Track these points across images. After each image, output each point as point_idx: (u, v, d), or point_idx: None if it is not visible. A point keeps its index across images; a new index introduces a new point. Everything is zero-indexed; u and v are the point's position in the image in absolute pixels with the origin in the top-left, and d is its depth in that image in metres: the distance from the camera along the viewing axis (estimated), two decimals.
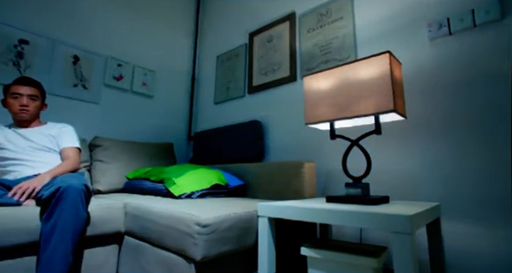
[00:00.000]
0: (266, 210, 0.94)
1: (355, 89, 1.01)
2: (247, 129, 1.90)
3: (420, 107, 1.26)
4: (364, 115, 0.97)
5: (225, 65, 2.37)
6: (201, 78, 2.64)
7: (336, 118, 1.05)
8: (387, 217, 0.67)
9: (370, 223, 0.70)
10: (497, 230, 1.03)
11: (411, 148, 1.26)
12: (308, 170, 1.33)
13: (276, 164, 1.47)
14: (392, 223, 0.66)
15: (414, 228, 0.65)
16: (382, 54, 0.96)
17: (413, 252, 0.63)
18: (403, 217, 0.65)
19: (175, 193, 1.26)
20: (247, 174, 1.61)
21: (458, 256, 1.09)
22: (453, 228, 1.12)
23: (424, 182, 1.21)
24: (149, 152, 1.98)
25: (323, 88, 1.11)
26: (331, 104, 1.07)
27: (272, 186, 1.44)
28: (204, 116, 2.50)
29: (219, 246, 0.85)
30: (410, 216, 0.64)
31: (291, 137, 1.74)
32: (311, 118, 1.13)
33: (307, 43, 1.75)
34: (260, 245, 0.94)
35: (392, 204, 0.93)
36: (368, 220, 0.71)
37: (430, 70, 1.25)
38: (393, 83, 0.94)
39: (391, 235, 0.67)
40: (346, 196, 0.96)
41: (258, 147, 1.85)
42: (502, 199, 1.03)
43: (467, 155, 1.12)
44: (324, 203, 0.94)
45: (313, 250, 0.85)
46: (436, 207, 0.98)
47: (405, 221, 0.64)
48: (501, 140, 1.05)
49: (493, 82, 1.09)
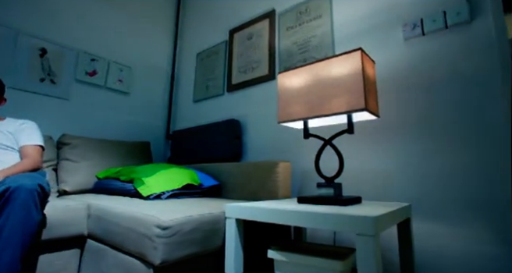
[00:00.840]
0: (233, 211, 0.90)
1: (327, 87, 0.99)
2: (225, 128, 1.86)
3: (395, 107, 1.26)
4: (336, 113, 0.95)
5: (205, 62, 2.32)
6: (181, 75, 2.57)
7: (309, 117, 1.03)
8: (351, 218, 0.65)
9: (335, 225, 0.68)
10: (467, 230, 1.03)
11: (386, 148, 1.26)
12: (283, 170, 1.30)
13: (251, 164, 1.44)
14: (356, 225, 0.64)
15: (379, 229, 0.63)
16: (354, 51, 0.94)
17: (376, 254, 0.61)
18: (367, 218, 0.62)
19: (143, 193, 1.20)
20: (222, 174, 1.57)
21: (428, 256, 1.09)
22: (425, 229, 1.12)
23: (398, 182, 1.20)
24: (123, 151, 1.90)
25: (296, 86, 1.09)
26: (304, 102, 1.05)
27: (247, 187, 1.41)
28: (184, 115, 2.44)
29: (182, 250, 0.81)
30: (374, 218, 0.62)
31: (269, 136, 1.71)
32: (284, 116, 1.11)
33: (286, 41, 1.73)
34: (227, 247, 0.90)
35: (362, 205, 0.91)
36: (333, 222, 0.68)
37: (404, 70, 1.25)
38: (365, 81, 0.92)
39: (355, 237, 0.64)
40: (317, 197, 0.94)
41: (236, 146, 1.81)
42: (472, 199, 1.03)
43: (439, 156, 1.12)
44: (294, 204, 0.91)
45: (279, 253, 0.82)
46: (407, 208, 0.97)
47: (369, 222, 0.62)
48: (472, 141, 1.06)
49: (464, 83, 1.10)
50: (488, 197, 1.01)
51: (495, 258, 0.97)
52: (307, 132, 1.10)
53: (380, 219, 0.65)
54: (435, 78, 1.17)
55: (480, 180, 1.03)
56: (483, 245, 0.99)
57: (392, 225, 0.78)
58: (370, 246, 0.61)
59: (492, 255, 0.97)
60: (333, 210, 0.70)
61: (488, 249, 0.98)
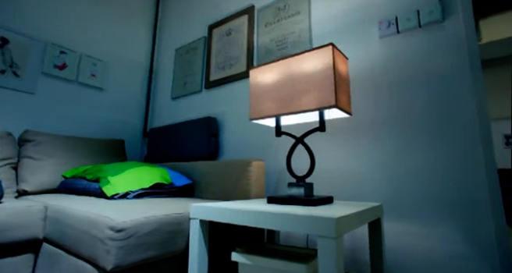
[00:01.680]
0: (198, 211, 0.86)
1: (299, 83, 0.96)
2: (201, 125, 1.80)
3: (369, 105, 1.24)
4: (307, 110, 0.92)
5: (183, 58, 2.25)
6: (160, 71, 2.49)
7: (280, 114, 0.99)
8: (312, 220, 0.62)
9: (295, 226, 0.64)
10: (436, 229, 1.02)
11: (361, 147, 1.24)
12: (256, 169, 1.26)
13: (225, 163, 1.39)
14: (317, 226, 0.61)
15: (341, 231, 0.60)
16: (325, 46, 0.91)
17: (338, 257, 0.58)
18: (329, 220, 0.59)
19: (107, 193, 1.14)
20: (195, 173, 1.51)
21: (399, 256, 1.08)
22: (396, 228, 1.10)
23: (371, 181, 1.19)
24: (94, 149, 1.81)
25: (268, 82, 1.05)
26: (275, 99, 1.01)
27: (220, 186, 1.36)
28: (162, 112, 2.36)
29: (139, 253, 0.75)
30: (335, 219, 0.59)
31: (247, 135, 1.67)
32: (256, 113, 1.07)
33: (265, 37, 1.69)
34: (191, 250, 0.86)
35: (333, 205, 0.88)
36: (293, 223, 0.65)
37: (379, 68, 1.24)
38: (336, 78, 0.89)
39: (317, 240, 0.61)
40: (286, 197, 0.90)
41: (212, 144, 1.75)
42: (442, 198, 1.03)
43: (411, 155, 1.11)
44: (262, 205, 0.87)
45: (244, 256, 0.78)
46: (377, 208, 0.96)
47: (330, 224, 0.59)
48: (444, 140, 1.06)
49: (436, 82, 1.10)
50: (456, 196, 1.01)
51: (462, 257, 0.97)
52: (279, 130, 1.07)
53: (343, 220, 0.61)
54: (408, 76, 1.16)
55: (449, 179, 1.03)
56: (451, 244, 0.99)
57: (360, 225, 0.75)
58: (331, 248, 0.58)
59: (460, 254, 0.97)
60: (296, 211, 0.67)
61: (456, 248, 0.98)
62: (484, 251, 0.94)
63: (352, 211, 0.71)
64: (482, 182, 0.97)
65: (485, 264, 0.93)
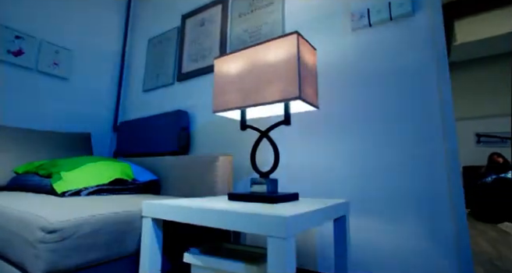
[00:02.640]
0: (150, 209, 0.79)
1: (263, 73, 0.90)
2: (171, 119, 1.72)
3: (340, 99, 1.21)
4: (270, 102, 0.87)
5: (156, 49, 2.15)
6: (132, 62, 2.37)
7: (243, 106, 0.94)
8: (262, 218, 0.57)
9: (246, 226, 0.59)
10: (402, 225, 1.01)
11: (330, 142, 1.21)
12: (223, 164, 1.20)
13: (191, 158, 1.32)
14: (267, 226, 0.56)
15: (292, 231, 0.55)
16: (289, 34, 0.86)
17: (287, 259, 0.53)
18: (279, 219, 0.54)
19: (58, 189, 1.04)
20: (162, 168, 1.43)
21: (365, 253, 1.06)
22: (363, 225, 1.08)
23: (340, 177, 1.16)
24: (54, 143, 1.68)
25: (233, 72, 0.99)
26: (239, 90, 0.95)
27: (186, 182, 1.29)
28: (133, 105, 2.24)
29: (78, 256, 0.68)
30: (286, 218, 0.54)
31: (220, 129, 1.61)
32: (219, 105, 1.01)
33: (238, 28, 1.63)
34: (142, 251, 0.79)
35: (296, 202, 0.84)
36: (245, 222, 0.59)
37: (351, 61, 1.21)
38: (301, 68, 0.84)
39: (267, 240, 0.56)
40: (247, 194, 0.85)
41: (182, 139, 1.68)
42: (407, 195, 1.01)
43: (381, 151, 1.09)
44: (222, 202, 0.82)
45: (196, 257, 0.72)
46: (343, 205, 0.92)
47: (280, 223, 0.54)
48: (411, 136, 1.04)
49: (406, 77, 1.07)
50: (421, 193, 0.99)
51: (424, 253, 0.95)
52: (244, 124, 1.01)
53: (295, 219, 0.57)
54: (379, 70, 1.14)
55: (415, 175, 1.01)
56: (415, 240, 0.98)
57: (320, 224, 0.71)
58: (280, 249, 0.54)
59: (423, 250, 0.96)
60: (247, 209, 0.62)
61: (420, 244, 0.97)
62: (444, 247, 0.93)
63: (309, 209, 0.66)
64: (444, 178, 0.96)
65: (445, 260, 0.92)
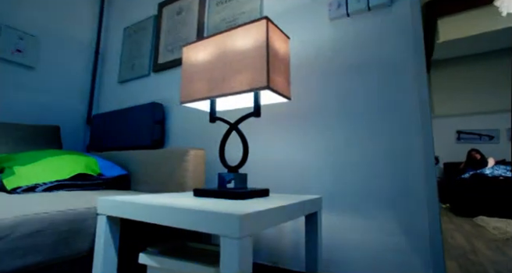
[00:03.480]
0: (106, 206, 0.73)
1: (231, 61, 0.85)
2: (145, 112, 1.64)
3: (317, 91, 1.17)
4: (238, 92, 0.82)
5: (132, 38, 2.05)
6: (107, 52, 2.26)
7: (210, 96, 0.88)
8: (216, 217, 0.52)
9: (201, 224, 0.54)
10: (376, 222, 0.99)
11: (305, 136, 1.17)
12: (194, 159, 1.15)
13: (161, 152, 1.26)
14: (220, 225, 0.51)
15: (247, 231, 0.51)
16: (258, 20, 0.81)
17: (241, 261, 0.49)
18: (232, 217, 0.50)
19: (8, 185, 0.96)
20: (132, 163, 1.36)
21: (337, 250, 1.04)
22: (336, 221, 1.05)
23: (315, 172, 1.13)
24: (16, 136, 1.57)
25: (201, 60, 0.93)
26: (207, 80, 0.90)
27: (157, 178, 1.23)
28: (108, 97, 2.14)
29: (12, 260, 0.61)
30: (239, 216, 0.49)
31: (196, 122, 1.54)
32: (186, 95, 0.95)
33: (215, 17, 1.56)
34: (96, 252, 0.73)
35: (266, 199, 0.80)
36: (197, 220, 0.54)
37: (329, 52, 1.17)
38: (271, 56, 0.80)
39: (220, 240, 0.51)
40: (213, 190, 0.80)
41: (156, 132, 1.61)
42: (382, 190, 0.99)
43: (356, 145, 1.06)
44: (185, 198, 0.76)
45: (152, 257, 0.67)
46: (315, 201, 0.89)
47: (234, 222, 0.50)
48: (388, 130, 1.01)
49: (384, 69, 1.04)
50: (396, 188, 0.97)
51: (398, 250, 0.94)
52: (213, 116, 0.96)
53: (252, 218, 0.52)
54: (357, 62, 1.10)
55: (390, 171, 0.99)
56: (388, 237, 0.96)
57: (286, 221, 0.67)
58: (234, 251, 0.49)
59: (396, 247, 0.94)
60: (200, 206, 0.57)
61: (393, 241, 0.95)
62: (417, 244, 0.91)
63: (273, 206, 0.62)
64: (419, 174, 0.94)
65: (418, 256, 0.90)
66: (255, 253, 1.19)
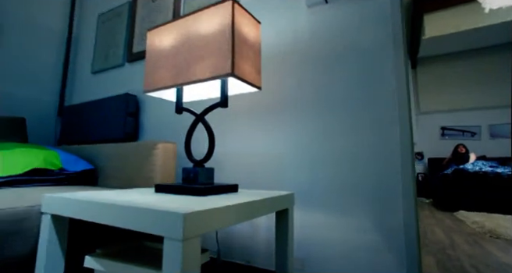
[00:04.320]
0: (50, 204, 0.66)
1: (195, 47, 0.78)
2: (118, 104, 1.55)
3: (293, 82, 1.12)
4: (201, 80, 0.75)
5: (106, 26, 1.94)
6: (80, 40, 2.14)
7: (173, 85, 0.81)
8: (159, 215, 0.46)
9: (143, 224, 0.48)
10: (352, 219, 0.95)
11: (281, 129, 1.12)
12: (163, 152, 1.08)
13: (130, 146, 1.19)
14: (163, 224, 0.45)
15: (193, 232, 0.45)
16: (223, 2, 0.74)
17: (186, 266, 0.44)
18: (175, 216, 0.44)
19: None
20: (100, 157, 1.28)
21: (312, 248, 1.00)
22: (311, 218, 1.01)
23: (290, 167, 1.08)
24: None
25: (165, 45, 0.86)
26: (171, 67, 0.83)
27: (125, 172, 1.16)
28: (82, 88, 2.03)
29: None
30: (183, 215, 0.43)
31: (171, 114, 1.47)
32: (150, 84, 0.88)
33: (192, 3, 1.48)
34: (39, 255, 0.66)
35: (232, 195, 0.75)
36: (142, 219, 0.48)
37: (307, 41, 1.11)
38: (237, 41, 0.73)
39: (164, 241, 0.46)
40: (175, 185, 0.75)
41: (129, 125, 1.52)
42: (359, 186, 0.95)
43: (333, 139, 1.01)
44: (144, 194, 0.70)
45: (98, 260, 0.61)
46: (286, 197, 0.84)
47: (176, 222, 0.44)
48: (365, 123, 0.97)
49: (363, 58, 1.00)
50: (372, 184, 0.93)
51: (373, 248, 0.90)
52: (179, 106, 0.89)
53: (200, 216, 0.47)
54: (335, 51, 1.05)
55: (366, 166, 0.95)
56: (364, 234, 0.92)
57: (245, 220, 0.62)
58: (177, 255, 0.43)
59: (371, 245, 0.91)
60: (142, 203, 0.51)
61: (368, 238, 0.91)
62: (392, 242, 0.88)
63: (234, 202, 0.57)
64: (397, 169, 0.90)
65: (393, 255, 0.87)
66: (228, 251, 1.15)
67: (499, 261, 1.46)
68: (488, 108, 4.67)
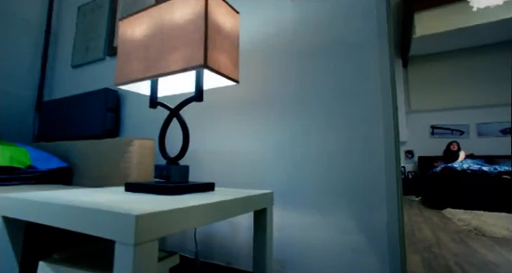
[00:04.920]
0: (3, 205, 0.61)
1: (168, 37, 0.73)
2: (98, 99, 1.49)
3: (276, 77, 1.08)
4: (173, 71, 0.71)
5: (87, 18, 1.86)
6: (60, 33, 2.05)
7: (145, 77, 0.77)
8: (110, 217, 0.42)
9: (94, 227, 0.44)
10: (334, 218, 0.92)
11: (262, 126, 1.08)
12: (139, 149, 1.03)
13: (107, 142, 1.13)
14: (114, 227, 0.41)
15: (147, 235, 0.41)
16: None
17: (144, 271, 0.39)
18: (127, 218, 0.40)
19: None
20: (75, 154, 1.23)
21: (293, 249, 0.96)
22: (292, 218, 0.98)
23: (271, 165, 1.04)
24: None
25: (138, 36, 0.81)
26: (143, 58, 0.78)
27: (100, 170, 1.10)
28: (61, 83, 1.95)
29: None
30: (136, 217, 0.39)
31: (154, 110, 1.41)
32: (122, 76, 0.82)
33: None
34: None
35: (207, 194, 0.71)
36: (94, 221, 0.44)
37: (291, 35, 1.07)
38: (211, 31, 0.69)
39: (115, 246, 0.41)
40: (146, 184, 0.70)
41: (109, 121, 1.46)
42: (342, 184, 0.92)
43: (316, 136, 0.98)
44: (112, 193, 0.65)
45: (53, 266, 0.56)
46: (264, 196, 0.80)
47: (127, 224, 0.40)
48: (349, 119, 0.94)
49: (348, 52, 0.96)
50: (356, 183, 0.90)
51: (355, 249, 0.87)
52: (153, 100, 0.84)
53: (157, 218, 0.43)
54: (320, 45, 1.01)
55: (350, 164, 0.92)
56: (347, 235, 0.89)
57: (216, 220, 0.58)
58: (128, 261, 0.39)
59: (354, 246, 0.88)
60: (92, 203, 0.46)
61: (351, 239, 0.88)
62: (375, 242, 0.85)
63: (202, 202, 0.53)
64: (380, 167, 0.87)
65: (376, 256, 0.85)
66: (208, 251, 1.10)
67: (483, 259, 1.46)
68: (476, 107, 4.73)
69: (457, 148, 4.19)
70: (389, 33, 0.93)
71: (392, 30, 0.97)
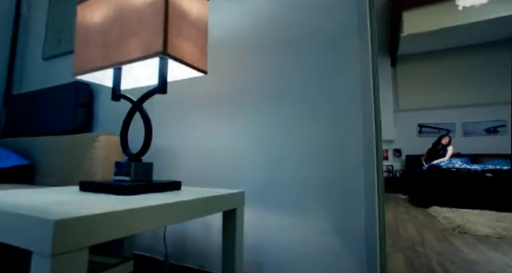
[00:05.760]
0: None
1: (128, 21, 0.67)
2: (67, 92, 1.41)
3: (252, 71, 1.02)
4: (130, 60, 0.64)
5: (60, 7, 1.76)
6: (31, 23, 1.94)
7: (103, 66, 0.70)
8: (28, 223, 0.35)
9: (8, 234, 0.37)
10: (312, 219, 0.87)
11: (237, 122, 1.02)
12: (105, 145, 0.96)
13: (71, 138, 1.06)
14: (32, 235, 0.35)
15: (68, 244, 0.35)
16: None
17: None
18: (43, 223, 0.33)
19: None
20: (37, 151, 1.14)
21: (268, 251, 0.91)
22: (266, 219, 0.93)
23: (245, 163, 0.99)
24: None
25: (96, 20, 0.74)
26: (101, 45, 0.71)
27: (64, 168, 1.03)
28: (32, 75, 1.85)
29: None
30: (55, 222, 0.33)
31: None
32: (80, 65, 0.75)
33: None
34: None
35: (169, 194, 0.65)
36: (10, 228, 0.38)
37: (269, 27, 1.02)
38: (173, 15, 0.63)
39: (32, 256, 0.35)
40: (101, 182, 0.64)
41: (80, 116, 1.38)
42: (320, 184, 0.87)
43: (292, 133, 0.93)
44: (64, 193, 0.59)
45: None
46: (234, 195, 0.75)
47: (44, 232, 0.33)
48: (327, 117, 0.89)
49: (326, 45, 0.92)
50: (334, 183, 0.86)
51: (332, 252, 0.83)
52: (116, 92, 0.77)
53: (82, 224, 0.36)
54: (295, 38, 0.96)
55: (329, 163, 0.87)
56: (324, 237, 0.85)
57: (171, 223, 0.52)
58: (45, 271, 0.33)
59: (331, 248, 0.83)
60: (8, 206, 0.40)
61: (328, 241, 0.84)
62: (353, 244, 0.81)
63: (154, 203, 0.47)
64: (359, 166, 0.83)
65: (353, 258, 0.80)
66: (181, 254, 1.04)
67: (465, 258, 1.45)
68: (462, 106, 4.79)
69: (448, 142, 4.15)
70: (371, 24, 0.89)
71: (374, 21, 0.93)
